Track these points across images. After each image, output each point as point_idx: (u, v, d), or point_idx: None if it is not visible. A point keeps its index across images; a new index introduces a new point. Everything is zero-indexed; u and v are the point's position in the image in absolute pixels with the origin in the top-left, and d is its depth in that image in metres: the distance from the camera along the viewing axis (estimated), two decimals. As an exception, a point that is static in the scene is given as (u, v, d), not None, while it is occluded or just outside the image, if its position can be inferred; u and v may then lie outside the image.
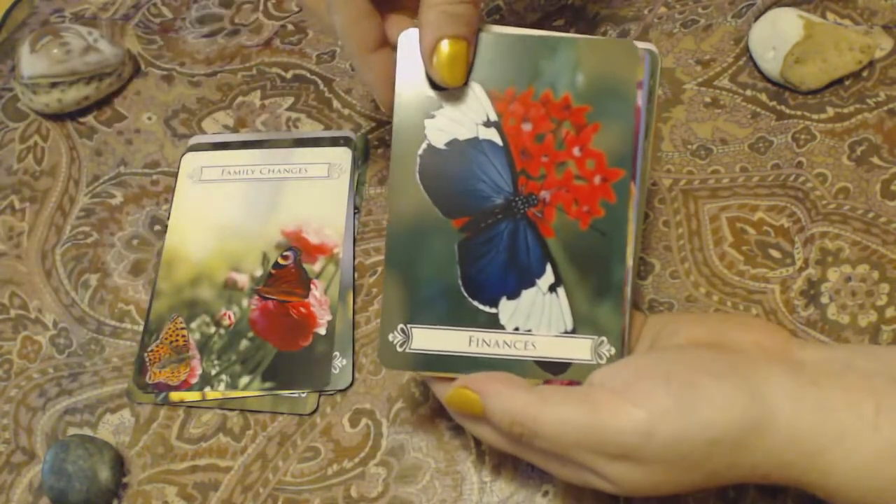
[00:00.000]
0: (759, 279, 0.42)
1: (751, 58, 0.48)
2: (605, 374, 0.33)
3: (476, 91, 0.34)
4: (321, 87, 0.51)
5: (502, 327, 0.35)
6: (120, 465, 0.41)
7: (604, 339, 0.35)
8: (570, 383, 0.35)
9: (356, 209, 0.47)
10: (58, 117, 0.52)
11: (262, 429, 0.42)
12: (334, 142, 0.49)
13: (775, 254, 0.43)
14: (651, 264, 0.44)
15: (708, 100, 0.48)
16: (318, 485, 0.40)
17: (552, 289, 0.35)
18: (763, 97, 0.47)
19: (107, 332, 0.45)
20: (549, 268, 0.35)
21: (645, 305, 0.43)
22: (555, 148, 0.34)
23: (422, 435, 0.41)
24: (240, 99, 0.51)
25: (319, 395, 0.42)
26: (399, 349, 0.35)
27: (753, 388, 0.30)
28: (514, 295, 0.35)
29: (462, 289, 0.35)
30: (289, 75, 0.52)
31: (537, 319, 0.35)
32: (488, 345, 0.35)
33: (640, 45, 0.35)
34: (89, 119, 0.52)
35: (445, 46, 0.32)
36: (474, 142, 0.35)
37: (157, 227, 0.48)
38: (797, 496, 0.37)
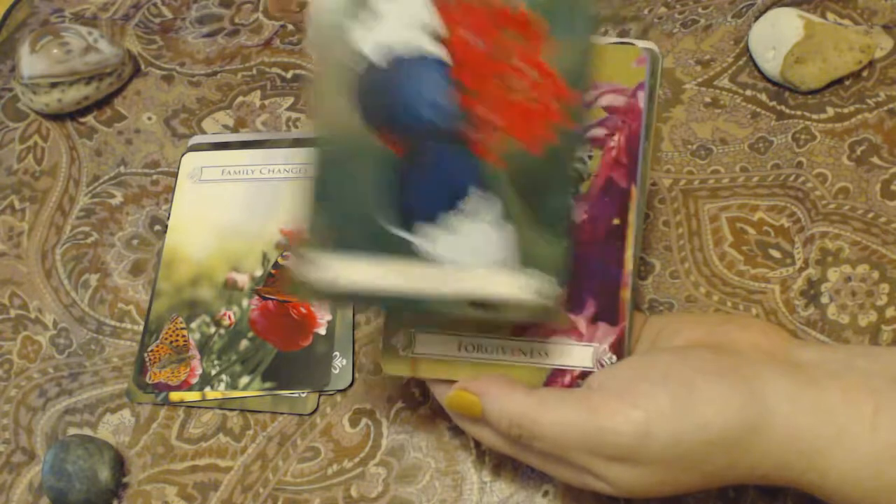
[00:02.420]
0: (759, 279, 0.42)
1: (751, 58, 0.48)
2: (604, 376, 0.33)
3: None
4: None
5: (435, 259, 0.30)
6: (120, 465, 0.41)
7: (546, 275, 0.30)
8: (572, 383, 0.35)
9: (356, 209, 0.47)
10: (58, 117, 0.52)
11: (262, 429, 0.42)
12: (334, 142, 0.48)
13: (775, 254, 0.43)
14: (651, 264, 0.44)
15: (708, 100, 0.48)
16: (318, 485, 0.40)
17: (493, 219, 0.30)
18: (763, 97, 0.47)
19: (107, 332, 0.45)
20: (490, 196, 0.30)
21: (645, 305, 0.43)
22: (502, 58, 0.30)
23: (422, 435, 0.41)
24: (240, 99, 0.51)
25: (319, 395, 0.42)
26: (315, 279, 0.30)
27: (752, 389, 0.30)
28: (446, 225, 0.30)
29: (388, 215, 0.30)
30: (289, 75, 0.52)
31: (474, 252, 0.30)
32: (415, 278, 0.30)
33: (641, 44, 0.35)
34: (89, 119, 0.52)
35: None
36: (418, 58, 0.30)
37: (157, 227, 0.48)
38: (797, 496, 0.37)
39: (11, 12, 0.57)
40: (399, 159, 0.30)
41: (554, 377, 0.35)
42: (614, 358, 0.35)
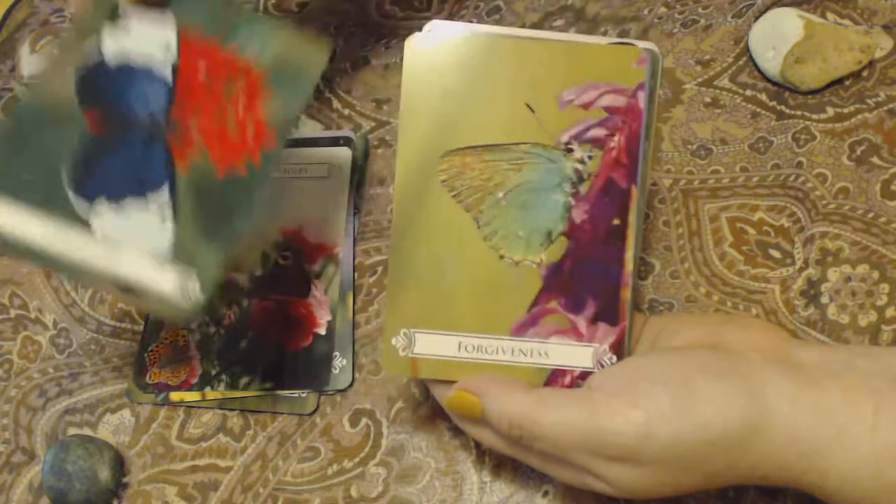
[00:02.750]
0: (759, 279, 0.42)
1: (751, 58, 0.48)
2: (604, 376, 0.33)
3: (169, 18, 0.36)
4: (321, 87, 0.51)
5: (92, 230, 0.33)
6: (120, 465, 0.41)
7: (195, 278, 0.33)
8: (572, 384, 0.35)
9: (356, 209, 0.47)
10: (58, 117, 0.52)
11: (262, 429, 0.42)
12: (334, 142, 0.48)
13: (775, 254, 0.43)
14: (651, 264, 0.44)
15: (708, 100, 0.48)
16: (318, 485, 0.40)
17: (162, 210, 0.34)
18: (763, 97, 0.47)
19: (107, 332, 0.45)
20: (166, 188, 0.34)
21: (645, 305, 0.43)
22: (222, 95, 0.35)
23: (422, 435, 0.41)
24: (240, 99, 0.51)
25: (319, 395, 0.42)
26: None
27: (752, 389, 0.30)
28: (117, 200, 0.34)
29: (64, 176, 0.34)
30: (289, 75, 0.52)
31: (133, 234, 0.33)
32: (67, 243, 0.33)
33: (641, 45, 0.35)
34: (89, 119, 0.52)
35: None
36: (146, 71, 0.35)
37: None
38: (797, 496, 0.37)
39: (11, 12, 0.57)
40: (97, 137, 0.34)
41: (554, 377, 0.35)
42: (614, 358, 0.35)
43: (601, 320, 0.35)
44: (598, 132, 0.35)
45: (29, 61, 0.49)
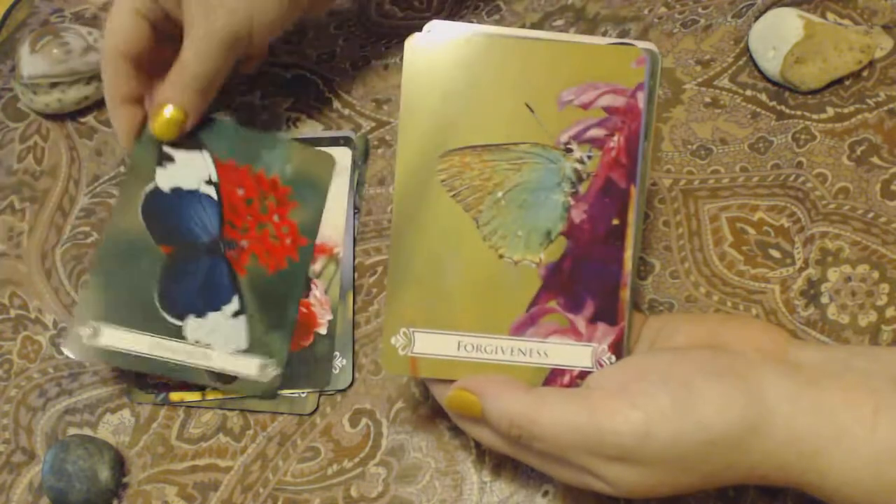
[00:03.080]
0: (759, 279, 0.42)
1: (751, 58, 0.48)
2: (604, 376, 0.33)
3: (206, 156, 0.44)
4: (321, 87, 0.51)
5: (185, 339, 0.41)
6: (120, 465, 0.41)
7: (271, 361, 0.41)
8: (571, 383, 0.35)
9: (356, 209, 0.47)
10: (58, 117, 0.52)
11: (262, 429, 0.42)
12: (334, 142, 0.48)
13: (775, 254, 0.43)
14: (651, 264, 0.44)
15: (708, 100, 0.48)
16: (318, 485, 0.40)
17: (236, 315, 0.42)
18: (763, 97, 0.47)
19: (107, 332, 0.45)
20: (236, 298, 0.42)
21: (645, 305, 0.43)
22: (259, 211, 0.44)
23: (422, 435, 0.41)
24: (240, 99, 0.51)
25: (319, 395, 0.42)
26: (85, 341, 0.40)
27: (751, 389, 0.30)
28: (201, 314, 0.42)
29: (156, 301, 0.41)
30: (289, 75, 0.52)
31: (218, 337, 0.41)
32: (169, 351, 0.41)
33: (641, 45, 0.35)
34: (89, 119, 0.52)
35: (168, 112, 0.42)
36: (195, 192, 0.43)
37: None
38: (797, 497, 0.37)
39: (11, 12, 0.57)
40: (173, 265, 0.42)
41: (553, 377, 0.35)
42: (613, 358, 0.35)
43: (600, 320, 0.35)
44: (598, 132, 0.35)
45: (29, 61, 0.49)
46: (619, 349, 0.35)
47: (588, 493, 0.38)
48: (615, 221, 0.35)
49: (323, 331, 0.43)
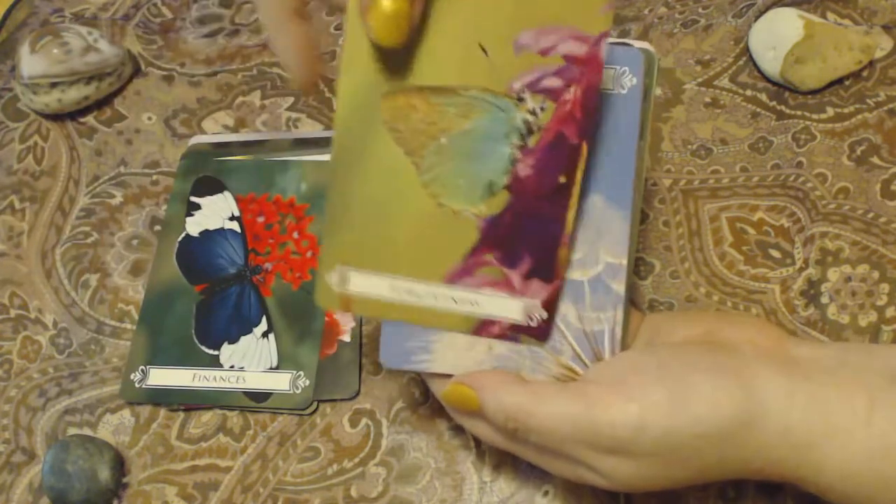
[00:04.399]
0: (759, 279, 0.42)
1: (751, 58, 0.48)
2: (599, 370, 0.33)
3: (227, 196, 0.47)
4: (321, 87, 0.51)
5: (221, 365, 0.43)
6: (120, 465, 0.41)
7: (301, 373, 0.42)
8: (501, 334, 0.35)
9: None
10: (58, 117, 0.52)
11: (262, 429, 0.42)
12: (334, 142, 0.48)
13: (775, 254, 0.43)
14: (651, 264, 0.44)
15: (708, 100, 0.48)
16: (318, 485, 0.40)
17: (265, 335, 0.43)
18: (763, 97, 0.47)
19: (107, 332, 0.45)
20: (264, 319, 0.44)
21: (645, 305, 0.43)
22: (279, 233, 0.46)
23: (422, 435, 0.41)
24: (240, 99, 0.51)
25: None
26: (137, 385, 0.43)
27: (745, 384, 0.30)
28: (234, 340, 0.43)
29: (194, 337, 0.44)
30: (289, 75, 0.52)
31: (250, 359, 0.43)
32: (208, 380, 0.42)
33: (636, 44, 0.35)
34: (89, 119, 0.52)
35: (386, 3, 0.30)
36: (220, 230, 0.46)
37: (157, 227, 0.48)
38: (796, 495, 0.37)
39: (11, 12, 0.57)
40: (206, 301, 0.45)
41: (483, 326, 0.34)
42: (545, 314, 0.34)
43: (535, 276, 0.34)
44: (554, 82, 0.32)
45: (29, 61, 0.49)
46: (551, 306, 0.34)
47: (588, 493, 0.38)
48: (562, 179, 0.33)
49: (347, 338, 0.43)
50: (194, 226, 0.47)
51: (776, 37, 0.46)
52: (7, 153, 0.51)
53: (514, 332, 0.34)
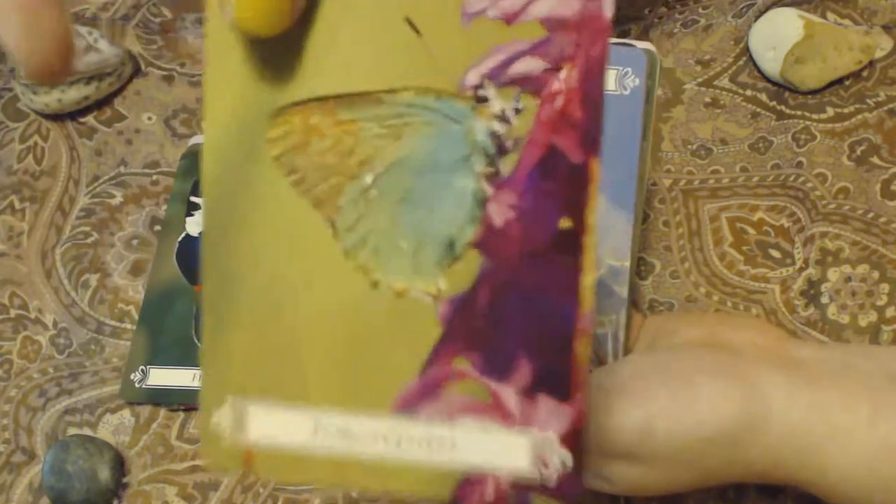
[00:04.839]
0: (759, 279, 0.42)
1: (751, 58, 0.48)
2: (602, 375, 0.33)
3: None
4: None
5: None
6: (120, 465, 0.41)
7: None
8: (500, 498, 0.24)
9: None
10: (58, 117, 0.52)
11: (261, 429, 0.42)
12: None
13: (775, 254, 0.43)
14: (651, 264, 0.44)
15: (708, 100, 0.48)
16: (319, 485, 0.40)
17: None
18: (763, 97, 0.47)
19: (107, 332, 0.45)
20: None
21: (645, 305, 0.43)
22: None
23: (422, 435, 0.41)
24: (240, 99, 0.51)
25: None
26: (137, 385, 0.42)
27: (749, 387, 0.30)
28: None
29: (194, 337, 0.42)
30: (289, 75, 0.52)
31: None
32: None
33: (639, 44, 0.35)
34: (89, 119, 0.52)
35: None
36: None
37: (157, 227, 0.48)
38: (797, 497, 0.37)
39: (11, 12, 0.57)
40: (201, 295, 0.34)
41: (468, 487, 0.22)
42: (567, 456, 0.22)
43: (543, 391, 0.22)
44: (532, 65, 0.21)
45: (29, 61, 0.49)
46: (576, 442, 0.22)
47: (588, 493, 0.38)
48: (564, 223, 0.21)
49: None
50: (194, 226, 0.47)
51: (776, 37, 0.46)
52: (7, 153, 0.51)
53: (520, 493, 0.22)
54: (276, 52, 0.21)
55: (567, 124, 0.21)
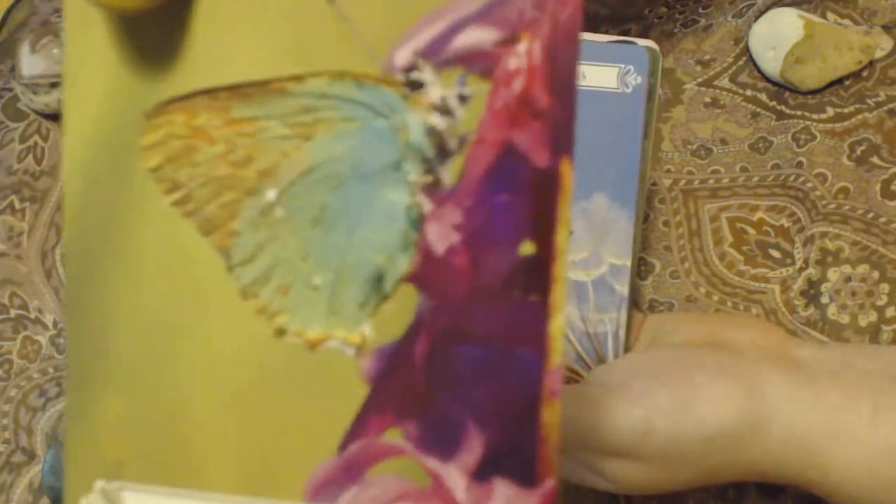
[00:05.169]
0: (759, 279, 0.42)
1: (751, 58, 0.48)
2: (603, 373, 0.33)
3: None
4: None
5: None
6: (120, 465, 0.41)
7: None
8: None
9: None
10: (58, 117, 0.52)
11: (262, 429, 0.42)
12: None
13: (775, 254, 0.43)
14: (651, 264, 0.44)
15: (708, 100, 0.48)
16: (318, 485, 0.40)
17: None
18: (763, 97, 0.47)
19: (107, 332, 0.45)
20: None
21: (645, 305, 0.43)
22: None
23: (422, 435, 0.41)
24: (240, 99, 0.51)
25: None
26: None
27: (750, 387, 0.30)
28: None
29: None
30: (289, 75, 0.52)
31: None
32: None
33: (641, 43, 0.35)
34: (89, 119, 0.52)
35: None
36: None
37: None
38: (797, 497, 0.37)
39: (11, 12, 0.57)
40: None
41: None
42: None
43: (499, 473, 0.17)
44: (480, 35, 0.16)
45: (29, 61, 0.49)
46: None
47: (588, 493, 0.38)
48: (527, 248, 0.16)
49: None
50: None
51: (776, 37, 0.46)
52: (7, 153, 0.51)
53: None
54: (152, 34, 0.16)
55: (529, 115, 0.16)
